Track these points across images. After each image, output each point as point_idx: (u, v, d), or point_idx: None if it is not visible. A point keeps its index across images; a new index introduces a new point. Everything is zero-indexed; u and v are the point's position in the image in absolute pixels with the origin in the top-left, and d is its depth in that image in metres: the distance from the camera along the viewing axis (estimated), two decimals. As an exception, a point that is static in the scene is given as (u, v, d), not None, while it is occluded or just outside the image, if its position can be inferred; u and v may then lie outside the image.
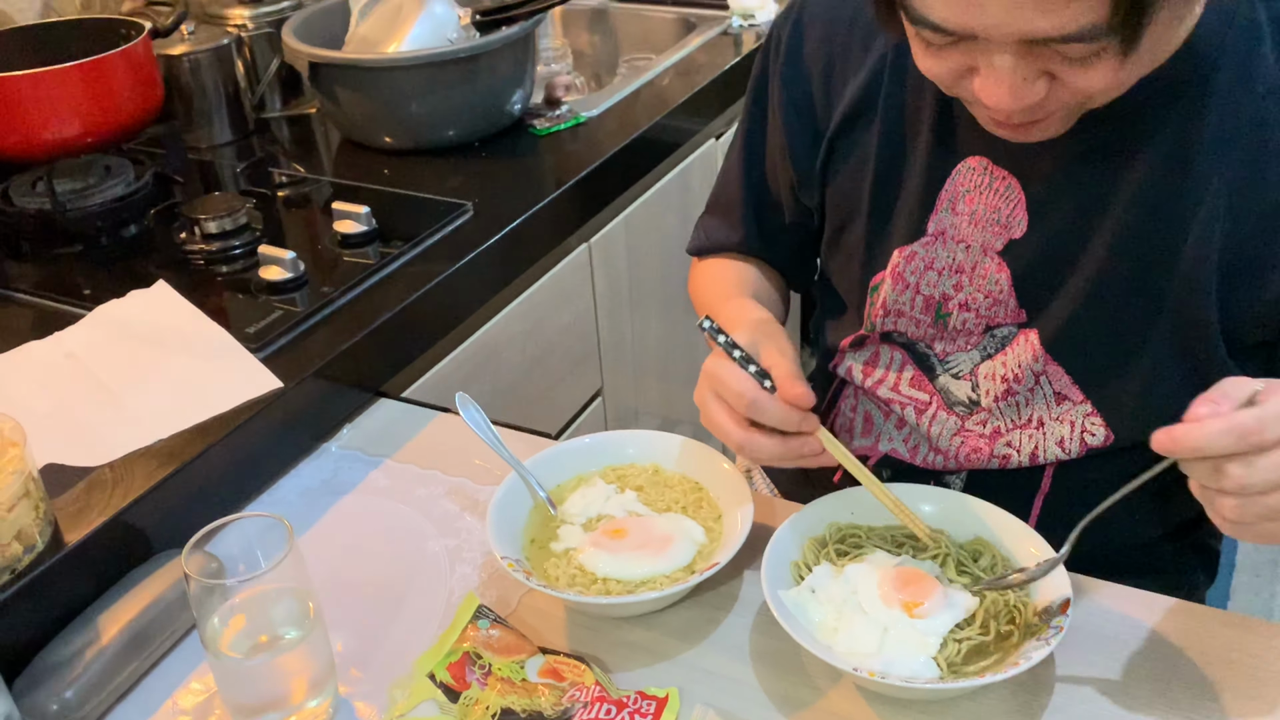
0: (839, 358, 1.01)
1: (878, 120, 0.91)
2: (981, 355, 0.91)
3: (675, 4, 1.92)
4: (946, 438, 0.94)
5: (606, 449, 0.93)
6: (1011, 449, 0.91)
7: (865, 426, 1.01)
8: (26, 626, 0.79)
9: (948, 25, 0.68)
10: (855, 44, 0.93)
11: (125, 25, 1.31)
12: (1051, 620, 0.73)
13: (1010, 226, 0.86)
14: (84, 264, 1.20)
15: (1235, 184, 0.78)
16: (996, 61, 0.69)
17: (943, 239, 0.89)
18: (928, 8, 0.68)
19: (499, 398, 1.28)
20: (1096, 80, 0.69)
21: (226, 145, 1.48)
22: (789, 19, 0.98)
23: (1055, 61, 0.69)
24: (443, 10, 1.43)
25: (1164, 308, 0.82)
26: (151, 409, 0.95)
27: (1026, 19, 0.65)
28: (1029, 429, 0.90)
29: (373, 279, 1.14)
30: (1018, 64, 0.69)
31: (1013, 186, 0.86)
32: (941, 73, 0.74)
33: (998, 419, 0.91)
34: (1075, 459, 0.90)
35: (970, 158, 0.87)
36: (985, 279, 0.88)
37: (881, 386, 0.97)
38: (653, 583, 0.81)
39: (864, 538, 0.84)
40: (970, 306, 0.89)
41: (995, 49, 0.69)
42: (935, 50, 0.73)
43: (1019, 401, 0.90)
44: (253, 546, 0.75)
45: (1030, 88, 0.70)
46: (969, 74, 0.73)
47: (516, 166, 1.39)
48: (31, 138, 1.21)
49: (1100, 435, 0.88)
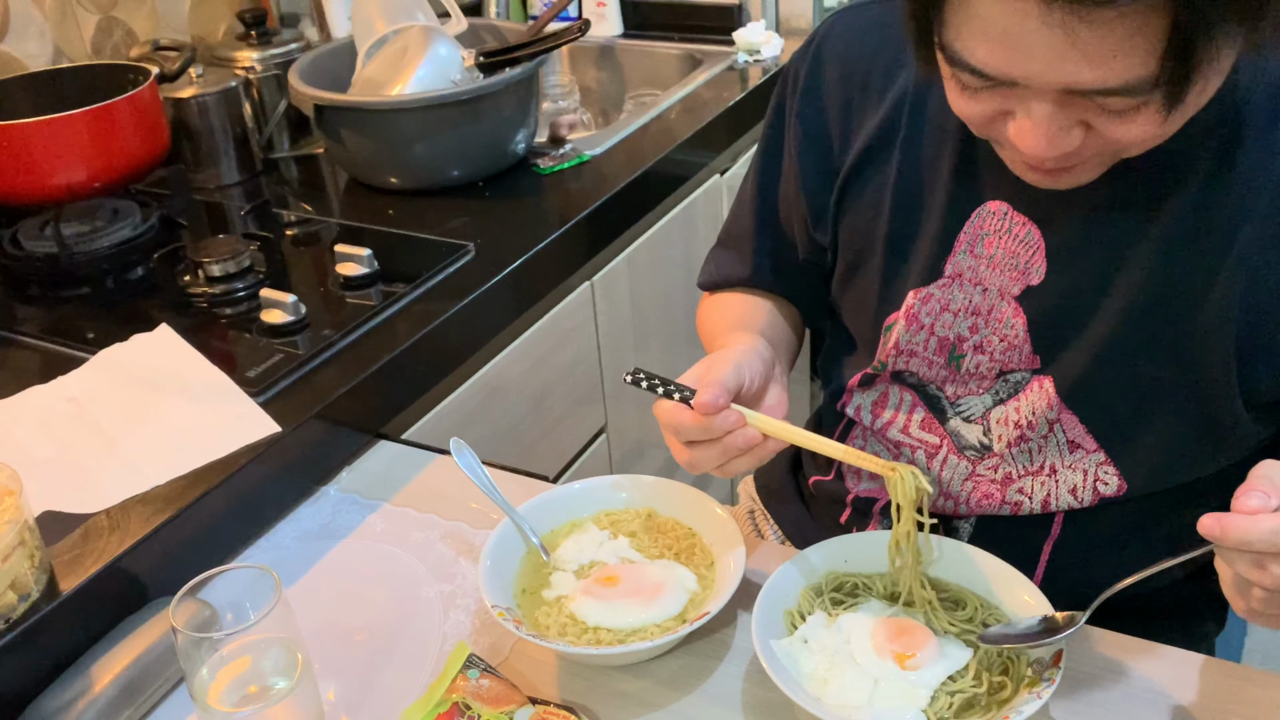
0: (847, 397, 1.00)
1: (895, 159, 0.91)
2: (994, 400, 0.90)
3: (682, 40, 1.93)
4: (958, 482, 0.93)
5: (600, 494, 0.93)
6: (1023, 495, 0.90)
7: None
8: (20, 675, 0.79)
9: (988, 70, 0.68)
10: (874, 82, 0.92)
11: (133, 71, 1.33)
12: (1044, 673, 0.72)
13: (1028, 273, 0.85)
14: (89, 307, 1.22)
15: (1258, 242, 0.78)
16: (1035, 110, 0.69)
17: (960, 281, 0.89)
18: (969, 53, 0.68)
19: (501, 437, 1.28)
20: (1135, 133, 0.69)
21: (234, 186, 1.49)
22: (807, 54, 0.97)
23: (1094, 112, 0.68)
24: (447, 52, 1.44)
25: (1182, 362, 0.81)
26: (150, 455, 0.96)
27: (1071, 71, 0.64)
28: (1041, 475, 0.89)
29: (374, 321, 1.14)
30: (1055, 113, 0.68)
31: (1033, 233, 0.85)
32: (974, 115, 0.74)
33: (1009, 465, 0.90)
34: (1087, 507, 0.89)
35: (991, 202, 0.87)
36: (1001, 323, 0.87)
37: (891, 428, 0.97)
38: (644, 632, 0.81)
39: (860, 587, 0.83)
40: (985, 350, 0.89)
41: (1034, 96, 0.68)
42: (971, 93, 0.72)
43: (1032, 448, 0.89)
44: (242, 597, 0.75)
45: (1066, 136, 0.70)
46: (1003, 117, 0.72)
47: (519, 206, 1.40)
48: (40, 182, 1.23)
49: (1114, 485, 0.87)
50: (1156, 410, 0.84)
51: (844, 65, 0.94)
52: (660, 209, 1.54)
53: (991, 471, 0.91)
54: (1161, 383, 0.83)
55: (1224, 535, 0.65)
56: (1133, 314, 0.82)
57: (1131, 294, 0.81)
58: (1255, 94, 0.78)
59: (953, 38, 0.68)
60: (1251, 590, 0.67)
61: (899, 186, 0.91)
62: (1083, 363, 0.84)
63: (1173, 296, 0.80)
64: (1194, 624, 0.98)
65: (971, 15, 0.66)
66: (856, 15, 0.95)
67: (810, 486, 1.08)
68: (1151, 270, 0.81)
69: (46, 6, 1.44)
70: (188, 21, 1.62)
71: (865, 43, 0.93)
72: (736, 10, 1.94)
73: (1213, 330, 0.80)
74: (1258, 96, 0.78)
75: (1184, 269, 0.80)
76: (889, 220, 0.92)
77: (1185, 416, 0.83)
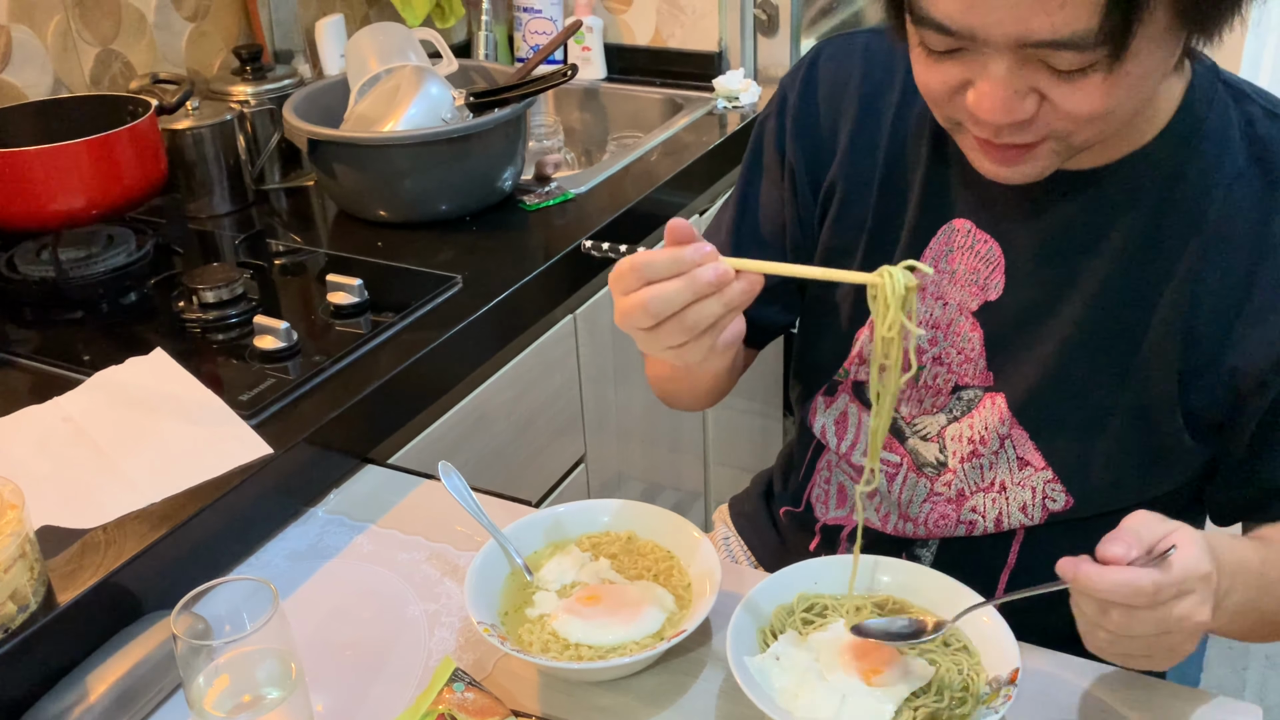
0: (813, 415, 1.04)
1: (876, 179, 0.96)
2: (948, 418, 0.94)
3: (663, 86, 2.00)
4: (917, 504, 0.97)
5: (582, 517, 0.97)
6: (977, 514, 0.95)
7: (839, 498, 1.05)
8: (17, 684, 0.82)
9: (951, 23, 0.72)
10: (860, 103, 0.97)
11: (132, 102, 1.36)
12: (1001, 689, 0.76)
13: (987, 289, 0.91)
14: (85, 330, 1.24)
15: (1200, 268, 0.83)
16: (991, 69, 0.73)
17: (922, 294, 0.93)
18: (932, 5, 0.73)
19: (484, 463, 1.32)
20: (1083, 101, 0.73)
21: (226, 216, 1.53)
22: (796, 78, 1.02)
23: (1045, 76, 0.73)
24: (438, 91, 1.49)
25: (1128, 382, 0.87)
26: (145, 473, 0.99)
27: (1024, 18, 0.69)
28: (992, 492, 0.94)
29: (364, 348, 1.18)
30: (1011, 74, 0.73)
31: (994, 249, 0.90)
32: (937, 85, 0.78)
33: (962, 481, 0.95)
34: (1042, 532, 0.93)
35: (957, 219, 0.92)
36: (959, 337, 0.92)
37: (855, 451, 1.01)
38: (623, 649, 0.84)
39: (829, 608, 0.87)
40: (943, 361, 0.93)
41: (991, 56, 0.73)
42: (934, 60, 0.77)
43: (983, 464, 0.93)
44: (239, 608, 0.78)
45: (1021, 102, 0.74)
46: (963, 89, 0.77)
47: (506, 240, 1.45)
48: (39, 209, 1.26)
49: (1061, 501, 0.91)
50: (1103, 429, 0.88)
51: (833, 86, 0.99)
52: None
53: (947, 489, 0.96)
54: (1107, 402, 0.88)
55: (1074, 580, 0.70)
56: (1082, 333, 0.87)
57: (1082, 312, 0.87)
58: (1206, 122, 0.84)
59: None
60: (1096, 632, 0.73)
61: (878, 203, 0.96)
62: (1033, 378, 0.89)
63: (1120, 316, 0.86)
64: None
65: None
66: (846, 41, 1.01)
67: (781, 516, 1.13)
68: (1101, 289, 0.86)
69: (48, 38, 1.47)
70: (185, 55, 1.66)
71: (853, 67, 0.99)
72: (717, 58, 2.01)
73: (1156, 351, 0.85)
74: (1208, 125, 0.84)
75: (1131, 290, 0.85)
76: (867, 235, 0.97)
77: (1130, 435, 0.88)
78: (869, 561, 0.88)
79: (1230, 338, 0.84)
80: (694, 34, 2.03)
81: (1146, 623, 0.70)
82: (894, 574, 0.88)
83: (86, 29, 1.52)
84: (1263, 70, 1.87)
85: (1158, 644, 0.72)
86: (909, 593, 0.87)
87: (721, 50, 2.01)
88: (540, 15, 2.05)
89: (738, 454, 1.98)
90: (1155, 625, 0.70)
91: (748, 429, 2.01)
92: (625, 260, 0.80)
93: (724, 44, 2.01)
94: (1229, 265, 0.83)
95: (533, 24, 2.06)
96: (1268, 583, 0.82)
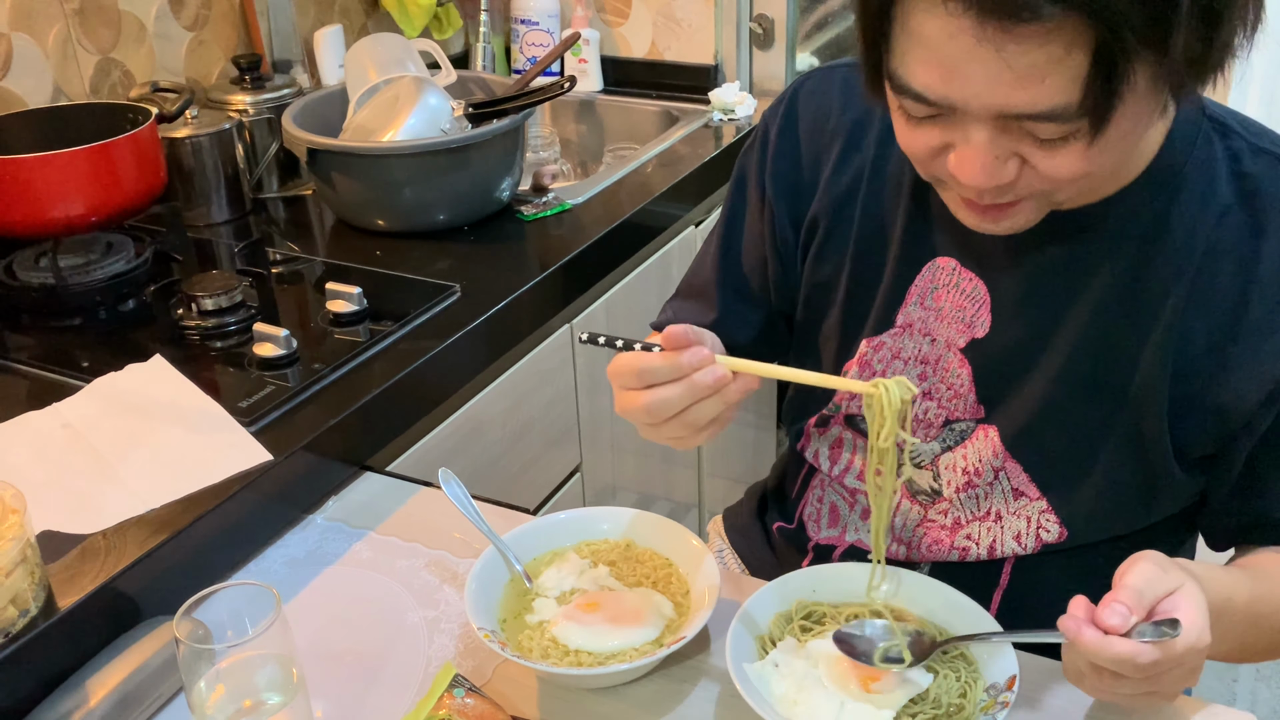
0: (806, 440, 1.05)
1: (857, 213, 0.96)
2: (941, 447, 0.94)
3: (659, 98, 2.01)
4: (910, 528, 0.98)
5: (581, 525, 0.97)
6: (971, 541, 0.95)
7: (831, 518, 1.05)
8: (17, 688, 0.82)
9: (930, 94, 0.72)
10: (840, 140, 0.97)
11: (133, 110, 1.37)
12: (999, 697, 0.77)
13: (974, 326, 0.90)
14: (83, 337, 1.25)
15: (1187, 304, 0.83)
16: (973, 136, 0.73)
17: (910, 331, 0.94)
18: (913, 76, 0.72)
19: (481, 472, 1.32)
20: (1064, 166, 0.73)
21: (224, 224, 1.53)
22: (778, 111, 1.02)
23: (1027, 143, 0.72)
24: (437, 102, 1.50)
25: (1119, 417, 0.87)
26: (145, 479, 0.99)
27: (1004, 93, 0.68)
28: (987, 521, 0.94)
29: (362, 356, 1.19)
30: (992, 142, 0.72)
31: (979, 288, 0.90)
32: (919, 148, 0.78)
33: (958, 510, 0.95)
34: (1033, 556, 0.93)
35: (941, 257, 0.92)
36: (949, 372, 0.92)
37: (848, 475, 1.01)
38: (622, 655, 0.85)
39: (828, 615, 0.88)
40: (933, 396, 0.94)
41: (972, 124, 0.72)
42: (915, 124, 0.76)
43: (979, 494, 0.94)
44: (240, 613, 0.78)
45: (1002, 167, 0.74)
46: (945, 150, 0.76)
47: (503, 250, 1.45)
48: (38, 216, 1.26)
49: (1055, 532, 0.92)
50: (1095, 462, 0.89)
51: (814, 120, 0.99)
52: (637, 257, 1.60)
53: (942, 516, 0.96)
54: (1098, 436, 0.88)
55: (1075, 642, 0.70)
56: (1071, 370, 0.87)
57: (1069, 351, 0.87)
58: (1190, 160, 0.84)
59: (898, 64, 0.73)
60: (1083, 679, 0.74)
61: (859, 239, 0.96)
62: (1025, 414, 0.90)
63: (1108, 355, 0.86)
64: None
65: (913, 40, 0.71)
66: (826, 75, 1.01)
67: (774, 531, 1.13)
68: (1088, 329, 0.86)
69: (49, 46, 1.48)
70: (184, 64, 1.67)
71: (834, 100, 0.99)
72: (713, 71, 2.03)
73: (1146, 388, 0.85)
74: (1192, 163, 0.84)
75: (1118, 329, 0.85)
76: (849, 271, 0.97)
77: (1122, 469, 0.88)
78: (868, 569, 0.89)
79: (1219, 375, 0.84)
80: (690, 47, 2.04)
81: (1136, 686, 0.71)
82: (892, 582, 0.89)
83: (86, 37, 1.53)
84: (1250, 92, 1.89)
85: (1141, 701, 0.74)
86: (908, 602, 0.88)
87: (717, 63, 2.03)
88: (537, 27, 2.06)
89: (731, 465, 1.98)
90: (1144, 688, 0.71)
91: (741, 440, 2.01)
92: (625, 360, 0.81)
93: (720, 57, 2.03)
94: (1216, 303, 0.83)
95: (530, 36, 2.07)
96: (1255, 616, 0.83)
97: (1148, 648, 0.68)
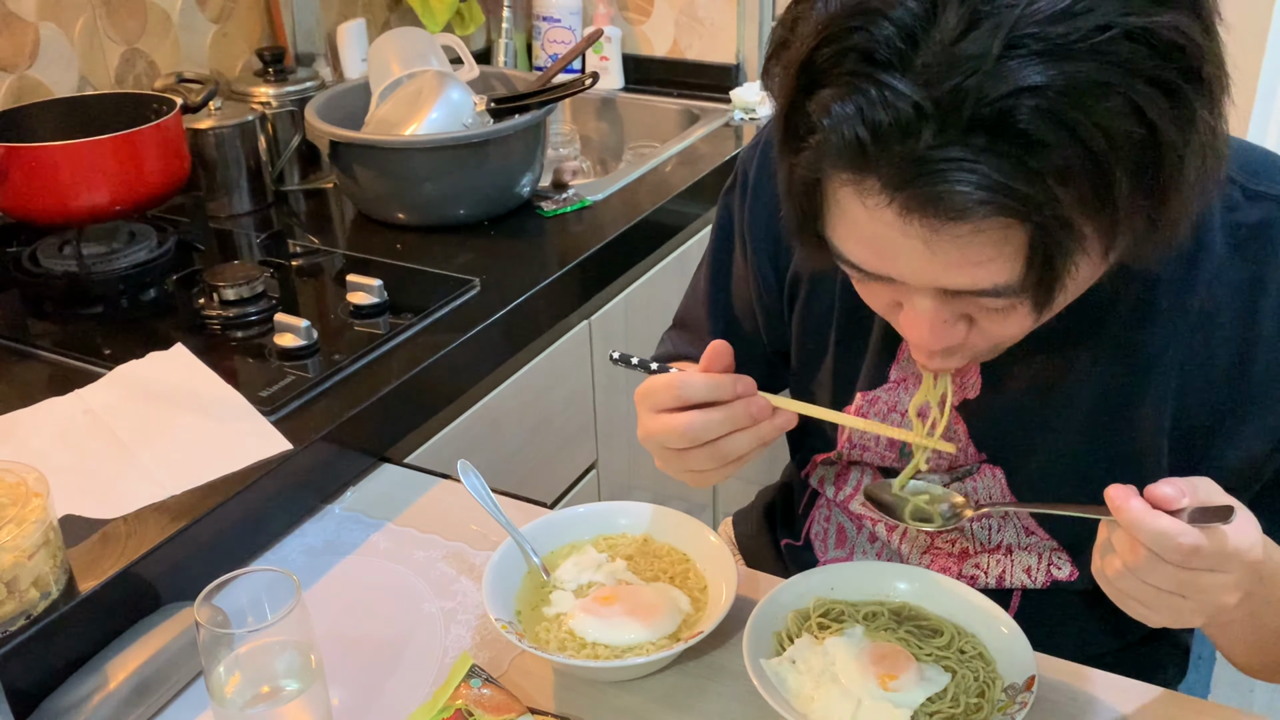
0: (810, 468, 1.04)
1: (839, 274, 0.90)
2: (951, 477, 0.93)
3: (680, 96, 2.01)
4: (916, 555, 0.97)
5: (599, 519, 0.98)
6: (979, 570, 0.94)
7: (839, 538, 1.04)
8: (38, 670, 0.82)
9: (866, 268, 0.69)
10: None
11: (158, 100, 1.37)
12: (1017, 697, 0.77)
13: (965, 387, 0.88)
14: (106, 325, 1.25)
15: (1183, 363, 0.81)
16: (918, 303, 0.70)
17: (904, 385, 0.91)
18: (848, 250, 0.69)
19: (498, 466, 1.32)
20: (1014, 328, 0.70)
21: (246, 215, 1.54)
22: (754, 157, 0.97)
23: (974, 308, 0.70)
24: (459, 97, 1.50)
25: (1123, 470, 0.83)
26: (166, 466, 0.99)
27: (939, 276, 0.65)
28: (997, 554, 0.93)
29: (382, 348, 1.19)
30: (938, 308, 0.69)
31: None
32: (872, 302, 0.76)
33: (967, 540, 0.94)
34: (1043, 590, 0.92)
35: None
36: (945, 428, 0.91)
37: (853, 501, 1.00)
38: (639, 649, 0.85)
39: (845, 613, 0.88)
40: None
41: (915, 291, 0.69)
42: (863, 282, 0.73)
43: (991, 526, 0.92)
44: (260, 600, 0.79)
45: (951, 329, 0.71)
46: (896, 307, 0.73)
47: (523, 245, 1.46)
48: (63, 204, 1.27)
49: (1066, 570, 0.91)
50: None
51: None
52: (656, 255, 1.60)
53: (949, 545, 0.95)
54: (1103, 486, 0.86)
55: (1118, 512, 0.66)
56: (1069, 430, 0.85)
57: (1066, 413, 0.85)
58: None
59: (831, 234, 0.70)
60: (1113, 561, 0.69)
61: (844, 295, 0.92)
62: (1026, 466, 0.88)
63: (1105, 414, 0.84)
64: (1155, 674, 1.02)
65: (844, 217, 0.67)
66: None
67: (783, 546, 1.12)
68: (1082, 394, 0.84)
69: (75, 36, 1.49)
70: (208, 56, 1.68)
71: None
72: (734, 70, 2.02)
73: (1147, 450, 0.83)
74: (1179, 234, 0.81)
75: (1115, 393, 0.83)
76: (837, 327, 0.94)
77: None
78: (887, 568, 0.89)
79: (1223, 431, 0.82)
80: (712, 46, 2.04)
81: (1168, 578, 0.66)
82: (911, 581, 0.89)
83: (113, 28, 1.54)
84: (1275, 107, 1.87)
85: (1166, 601, 0.68)
86: (926, 600, 0.88)
87: (739, 62, 2.03)
88: (559, 24, 2.06)
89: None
90: (1175, 584, 0.67)
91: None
92: (659, 378, 0.79)
93: (741, 56, 2.03)
94: (1216, 360, 0.81)
95: (552, 33, 2.07)
96: None
97: (1193, 530, 0.64)
